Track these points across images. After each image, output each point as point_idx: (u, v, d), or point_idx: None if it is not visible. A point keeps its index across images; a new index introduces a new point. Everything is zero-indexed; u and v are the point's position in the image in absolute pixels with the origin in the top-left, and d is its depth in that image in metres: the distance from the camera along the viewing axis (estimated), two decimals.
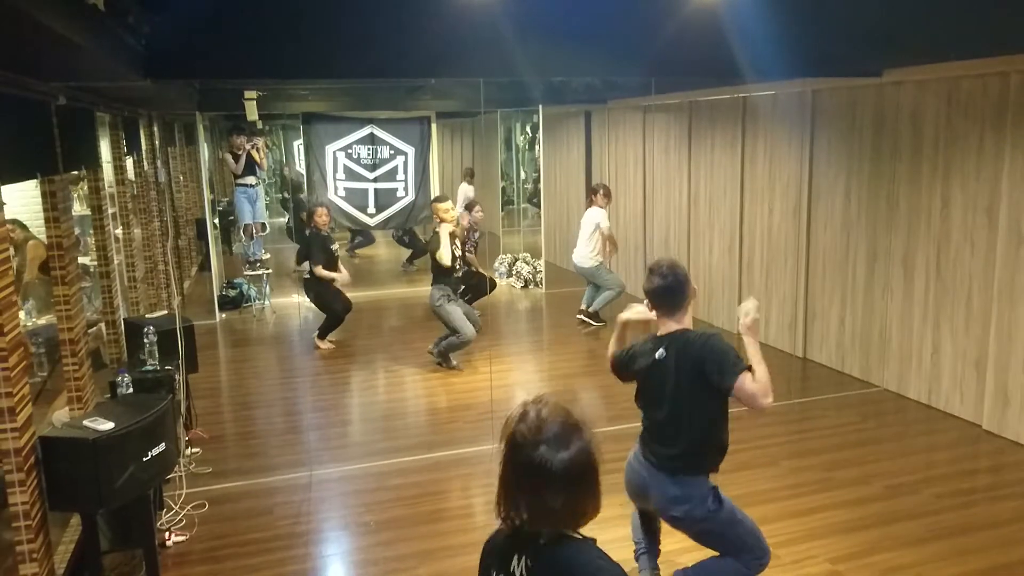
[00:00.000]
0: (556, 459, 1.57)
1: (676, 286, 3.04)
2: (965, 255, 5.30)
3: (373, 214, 10.28)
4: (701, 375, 2.96)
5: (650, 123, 9.13)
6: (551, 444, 1.58)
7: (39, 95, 3.73)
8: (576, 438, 1.60)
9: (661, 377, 3.06)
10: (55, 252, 4.08)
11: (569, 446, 1.58)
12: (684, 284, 3.06)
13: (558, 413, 1.63)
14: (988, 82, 5.02)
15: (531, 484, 1.59)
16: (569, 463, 1.58)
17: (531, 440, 1.59)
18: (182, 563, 3.87)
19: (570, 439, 1.59)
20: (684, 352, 3.01)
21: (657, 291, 3.05)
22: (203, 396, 6.07)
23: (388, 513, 4.34)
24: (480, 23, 4.04)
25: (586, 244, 8.15)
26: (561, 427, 1.60)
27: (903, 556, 3.77)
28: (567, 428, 1.61)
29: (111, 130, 6.43)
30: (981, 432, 5.21)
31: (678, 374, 3.01)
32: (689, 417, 3.04)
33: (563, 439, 1.59)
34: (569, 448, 1.58)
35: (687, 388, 3.01)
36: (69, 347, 4.16)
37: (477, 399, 6.14)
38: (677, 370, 3.01)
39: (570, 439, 1.59)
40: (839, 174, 6.36)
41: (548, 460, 1.57)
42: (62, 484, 3.21)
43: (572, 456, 1.58)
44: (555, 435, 1.59)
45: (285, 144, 16.94)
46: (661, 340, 3.09)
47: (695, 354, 2.98)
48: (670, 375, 3.03)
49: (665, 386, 3.06)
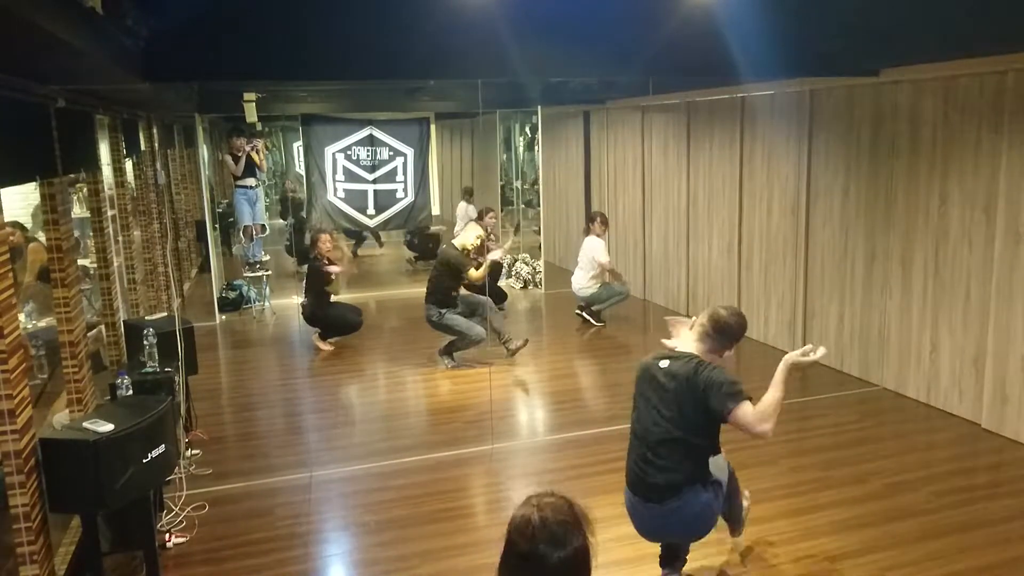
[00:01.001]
0: (553, 557, 1.68)
1: (728, 330, 3.21)
2: (963, 253, 5.30)
3: (372, 215, 10.29)
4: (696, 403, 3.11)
5: (648, 123, 9.14)
6: (549, 544, 1.69)
7: (38, 98, 3.74)
8: (574, 537, 1.71)
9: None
10: (55, 254, 4.09)
11: (566, 545, 1.69)
12: (732, 338, 3.22)
13: (559, 511, 1.73)
14: (985, 81, 5.03)
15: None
16: (565, 561, 1.69)
17: (530, 538, 1.70)
18: (182, 564, 3.87)
19: (568, 538, 1.70)
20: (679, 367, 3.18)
21: (716, 320, 3.22)
22: (203, 398, 6.08)
23: (389, 513, 4.35)
24: (478, 24, 4.05)
25: (585, 273, 8.25)
26: (560, 526, 1.71)
27: (902, 554, 3.77)
28: (566, 527, 1.71)
29: (110, 132, 6.44)
30: (980, 430, 5.22)
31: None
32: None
33: (561, 538, 1.69)
34: (566, 547, 1.69)
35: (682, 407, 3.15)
36: (69, 349, 4.17)
37: (477, 399, 6.14)
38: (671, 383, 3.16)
39: (568, 538, 1.70)
40: (837, 173, 6.37)
41: (546, 557, 1.68)
42: (62, 486, 3.22)
43: (568, 555, 1.69)
44: (553, 535, 1.69)
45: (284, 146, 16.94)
46: (665, 353, 3.28)
47: (692, 378, 3.12)
48: (666, 388, 3.18)
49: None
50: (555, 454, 5.14)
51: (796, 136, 6.76)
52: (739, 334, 3.25)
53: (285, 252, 12.18)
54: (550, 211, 11.23)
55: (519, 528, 1.72)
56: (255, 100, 8.28)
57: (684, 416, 3.11)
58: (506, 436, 5.45)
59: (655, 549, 3.51)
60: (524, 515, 1.73)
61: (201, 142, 9.80)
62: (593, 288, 8.20)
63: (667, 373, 3.17)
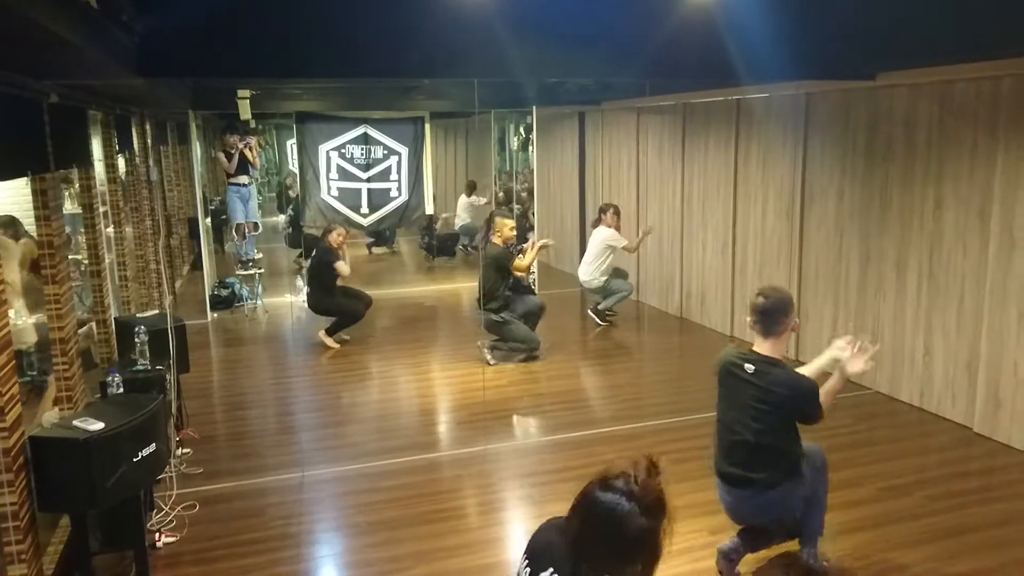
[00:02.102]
0: (637, 522, 1.65)
1: (771, 309, 3.38)
2: (957, 257, 5.32)
3: (366, 214, 10.25)
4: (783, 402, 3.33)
5: (644, 125, 9.13)
6: (640, 510, 1.66)
7: (31, 93, 3.70)
8: (660, 512, 1.69)
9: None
10: (46, 251, 4.06)
11: (656, 516, 1.68)
12: (779, 311, 3.38)
13: (652, 483, 1.71)
14: (981, 86, 5.04)
15: (602, 530, 1.68)
16: (647, 530, 1.66)
17: (619, 493, 1.67)
18: (173, 564, 3.84)
19: (657, 510, 1.68)
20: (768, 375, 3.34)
21: (766, 312, 3.39)
22: (194, 396, 6.04)
23: (381, 514, 4.32)
24: (474, 23, 4.03)
25: (593, 263, 8.24)
26: (656, 495, 1.69)
27: (895, 558, 3.77)
28: (659, 499, 1.69)
29: (103, 128, 6.40)
30: (972, 435, 5.23)
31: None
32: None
33: (653, 509, 1.67)
34: (655, 518, 1.67)
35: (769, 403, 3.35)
36: (59, 346, 4.14)
37: (471, 400, 6.12)
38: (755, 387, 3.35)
39: (657, 510, 1.68)
40: (832, 176, 6.38)
41: (632, 519, 1.65)
42: (52, 485, 3.19)
43: (652, 526, 1.67)
44: (645, 503, 1.67)
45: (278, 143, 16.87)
46: (750, 356, 3.40)
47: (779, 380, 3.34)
48: (750, 390, 3.36)
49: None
50: (549, 455, 5.13)
51: (791, 139, 6.76)
52: (785, 307, 3.42)
53: (286, 244, 12.07)
54: (545, 212, 11.22)
55: (610, 479, 1.68)
56: (249, 97, 8.25)
57: (769, 420, 3.34)
58: (499, 437, 5.43)
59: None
60: (620, 472, 1.70)
61: (194, 139, 9.75)
62: (600, 281, 8.19)
63: (753, 376, 3.36)
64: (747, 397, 3.35)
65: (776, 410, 3.31)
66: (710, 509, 4.19)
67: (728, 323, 7.82)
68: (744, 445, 3.40)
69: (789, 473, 3.39)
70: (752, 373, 3.33)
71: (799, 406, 3.31)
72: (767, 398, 3.30)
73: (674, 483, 3.27)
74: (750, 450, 3.39)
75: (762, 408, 3.32)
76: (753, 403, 3.34)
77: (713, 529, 3.98)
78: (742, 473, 3.43)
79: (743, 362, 3.38)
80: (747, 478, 3.41)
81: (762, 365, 3.35)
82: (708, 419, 5.53)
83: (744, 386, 3.36)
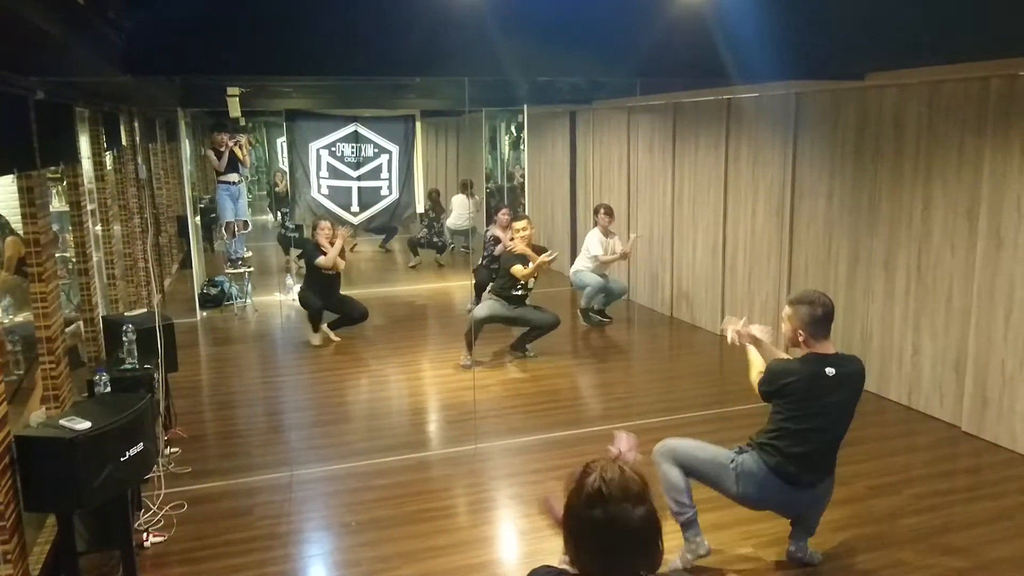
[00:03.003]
0: (635, 514, 1.64)
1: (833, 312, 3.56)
2: (946, 257, 5.34)
3: (356, 212, 10.23)
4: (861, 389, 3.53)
5: (635, 124, 9.14)
6: (628, 500, 1.65)
7: (17, 89, 3.67)
8: (648, 494, 1.69)
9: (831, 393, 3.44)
10: (32, 248, 4.03)
11: (645, 501, 1.67)
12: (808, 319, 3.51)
13: (625, 470, 1.71)
14: (969, 86, 5.07)
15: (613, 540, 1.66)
16: (646, 519, 1.66)
17: (606, 499, 1.65)
18: (160, 564, 3.82)
19: (645, 494, 1.68)
20: (847, 369, 3.49)
21: (830, 315, 3.52)
22: (183, 395, 6.01)
23: (371, 513, 4.31)
24: (465, 22, 4.03)
25: (578, 261, 8.35)
26: (633, 483, 1.68)
27: (883, 556, 3.79)
28: (639, 484, 1.69)
29: (91, 126, 6.36)
30: (960, 434, 5.26)
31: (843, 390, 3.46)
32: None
33: (639, 495, 1.67)
34: (645, 503, 1.67)
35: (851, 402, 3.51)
36: (46, 345, 4.11)
37: (460, 399, 6.12)
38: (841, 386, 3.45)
39: (645, 494, 1.68)
40: (822, 176, 6.40)
41: (628, 515, 1.64)
42: (38, 484, 3.16)
43: (649, 512, 1.67)
44: (629, 492, 1.66)
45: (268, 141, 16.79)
46: (826, 359, 3.46)
47: (858, 369, 3.53)
48: (838, 391, 3.45)
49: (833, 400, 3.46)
50: (539, 454, 5.13)
51: (781, 138, 6.78)
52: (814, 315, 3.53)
53: (279, 243, 11.89)
54: (536, 211, 11.21)
55: (591, 495, 1.66)
56: (239, 95, 8.21)
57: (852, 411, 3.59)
58: (490, 436, 5.43)
59: None
60: (592, 483, 1.67)
61: (183, 137, 9.71)
62: (585, 277, 8.15)
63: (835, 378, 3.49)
64: (838, 398, 3.46)
65: (856, 398, 3.52)
66: (704, 507, 4.20)
67: (718, 322, 7.83)
68: (834, 445, 3.56)
69: None
70: (834, 375, 3.44)
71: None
72: (853, 395, 3.51)
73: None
74: (835, 447, 3.58)
75: (852, 402, 3.52)
76: (845, 402, 3.50)
77: (701, 527, 3.99)
78: (826, 471, 3.59)
79: (824, 367, 3.45)
80: (828, 472, 3.60)
81: (842, 365, 3.49)
82: (697, 417, 5.59)
83: (834, 390, 3.45)
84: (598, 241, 8.16)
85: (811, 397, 3.42)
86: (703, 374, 6.81)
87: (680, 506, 3.53)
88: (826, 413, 3.45)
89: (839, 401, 3.46)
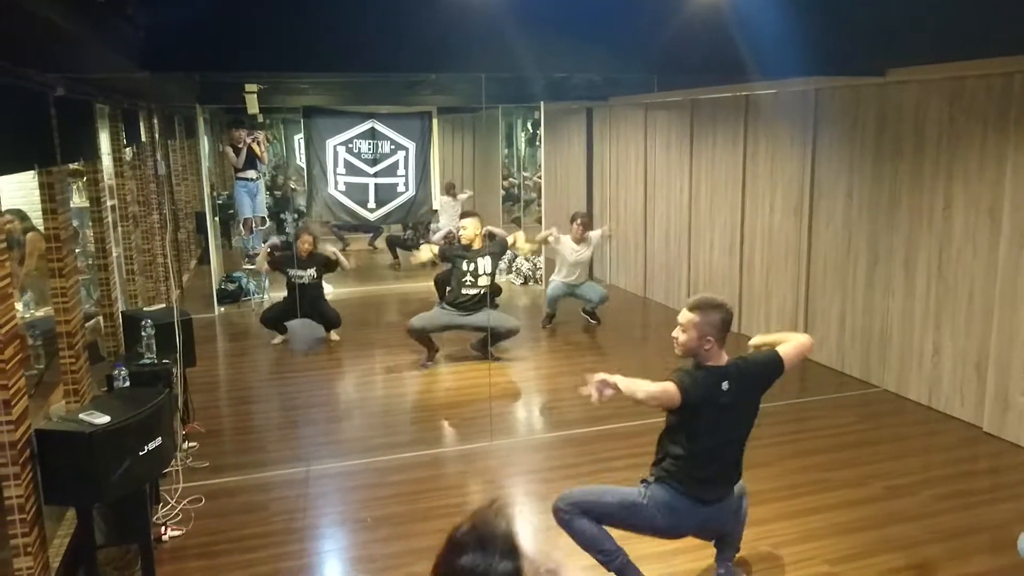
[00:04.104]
0: (500, 567, 1.61)
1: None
2: (967, 256, 5.28)
3: (373, 209, 10.25)
4: (765, 386, 3.30)
5: (652, 121, 9.10)
6: (498, 554, 1.62)
7: (37, 86, 3.70)
8: (518, 551, 1.65)
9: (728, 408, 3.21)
10: (52, 244, 4.07)
11: (516, 558, 1.64)
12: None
13: (499, 526, 1.67)
14: (992, 82, 5.00)
15: None
16: (513, 574, 1.62)
17: (475, 548, 1.63)
18: (178, 558, 3.85)
19: (515, 552, 1.64)
20: (743, 376, 3.23)
21: (728, 321, 3.23)
22: (200, 390, 6.06)
23: (386, 509, 4.32)
24: (482, 18, 4.02)
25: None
26: (505, 539, 1.65)
27: (901, 558, 3.75)
28: (509, 540, 1.65)
29: (110, 122, 6.40)
30: (981, 434, 5.20)
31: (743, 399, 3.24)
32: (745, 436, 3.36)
33: (509, 551, 1.63)
34: (515, 560, 1.63)
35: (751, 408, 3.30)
36: (66, 340, 4.14)
37: (476, 395, 6.12)
38: (740, 395, 3.21)
39: (515, 552, 1.64)
40: (841, 173, 6.34)
41: (493, 568, 1.61)
42: (58, 478, 3.19)
43: (517, 567, 1.63)
44: (495, 545, 1.63)
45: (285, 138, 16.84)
46: (720, 372, 3.19)
47: (754, 371, 3.26)
48: (737, 402, 3.22)
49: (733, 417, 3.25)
50: (553, 451, 5.12)
51: (800, 136, 6.72)
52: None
53: None
54: (552, 208, 11.18)
55: (460, 542, 1.65)
56: (256, 92, 8.25)
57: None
58: (505, 433, 5.42)
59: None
60: (465, 531, 1.66)
61: (202, 133, 9.76)
62: (552, 286, 8.03)
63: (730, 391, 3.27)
64: (738, 410, 3.24)
65: (758, 395, 3.33)
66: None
67: (736, 321, 7.77)
68: (739, 455, 3.36)
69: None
70: (729, 389, 3.17)
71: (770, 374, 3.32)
72: (754, 395, 3.30)
73: None
74: (740, 456, 3.38)
75: (755, 403, 3.31)
76: (745, 409, 3.29)
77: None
78: (734, 482, 3.39)
79: (720, 383, 3.18)
80: (737, 478, 3.42)
81: (735, 374, 3.21)
82: None
83: (733, 403, 3.20)
84: (567, 245, 7.95)
85: (711, 415, 3.16)
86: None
87: (607, 555, 3.25)
88: (727, 427, 3.23)
89: (740, 412, 3.24)
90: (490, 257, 6.81)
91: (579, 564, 3.26)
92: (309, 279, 7.53)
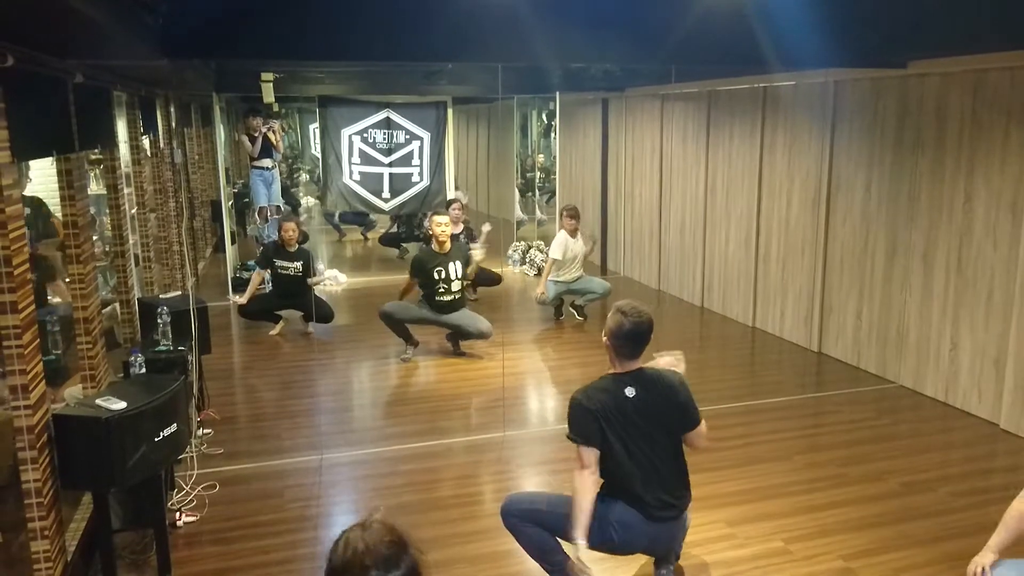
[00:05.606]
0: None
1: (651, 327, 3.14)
2: (987, 251, 5.21)
3: (388, 199, 10.26)
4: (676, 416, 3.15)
5: (668, 112, 9.04)
6: (380, 567, 1.59)
7: (56, 72, 3.71)
8: (404, 557, 1.62)
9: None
10: (70, 231, 4.09)
11: (400, 565, 1.60)
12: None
13: (383, 534, 1.64)
14: (1016, 75, 4.92)
15: None
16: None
17: (359, 565, 1.59)
18: (192, 544, 3.88)
19: (399, 559, 1.61)
20: (654, 386, 3.13)
21: (640, 335, 3.12)
22: (216, 377, 6.09)
23: (398, 499, 4.33)
24: (499, 7, 4.00)
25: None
26: (388, 547, 1.62)
27: (917, 555, 3.73)
28: (395, 547, 1.62)
29: (128, 109, 6.43)
30: (998, 431, 5.15)
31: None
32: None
33: (392, 560, 1.60)
34: (400, 567, 1.60)
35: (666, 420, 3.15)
36: (83, 326, 4.17)
37: (489, 386, 6.12)
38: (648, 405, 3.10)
39: (399, 559, 1.61)
40: (859, 166, 6.28)
41: None
42: (74, 463, 3.22)
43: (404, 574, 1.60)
44: (384, 557, 1.60)
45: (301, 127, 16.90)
46: (624, 379, 3.11)
47: (669, 386, 3.15)
48: (647, 411, 3.11)
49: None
50: (566, 443, 5.10)
51: (818, 128, 6.66)
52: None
53: None
54: (566, 199, 11.16)
55: (345, 560, 1.61)
56: (272, 80, 8.26)
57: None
58: (518, 424, 5.42)
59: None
60: (347, 544, 1.62)
61: (218, 122, 9.79)
62: (549, 284, 7.89)
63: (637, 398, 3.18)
64: (652, 420, 3.11)
65: (676, 416, 3.19)
66: (726, 501, 4.17)
67: (750, 314, 7.75)
68: (673, 468, 3.20)
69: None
70: (635, 396, 3.07)
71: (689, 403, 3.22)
72: (669, 412, 3.17)
73: (692, 474, 3.27)
74: (678, 471, 3.23)
75: (673, 421, 3.17)
76: (659, 421, 3.14)
77: (730, 521, 3.96)
78: (674, 501, 3.20)
79: (623, 388, 3.08)
80: (687, 497, 3.27)
81: (644, 383, 3.13)
82: (727, 410, 5.54)
83: (642, 410, 3.09)
84: (558, 244, 7.85)
85: (620, 424, 3.06)
86: (734, 366, 6.74)
87: (556, 565, 3.18)
88: (643, 437, 3.08)
89: (654, 423, 3.10)
90: (460, 262, 6.73)
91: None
92: (295, 271, 7.52)
